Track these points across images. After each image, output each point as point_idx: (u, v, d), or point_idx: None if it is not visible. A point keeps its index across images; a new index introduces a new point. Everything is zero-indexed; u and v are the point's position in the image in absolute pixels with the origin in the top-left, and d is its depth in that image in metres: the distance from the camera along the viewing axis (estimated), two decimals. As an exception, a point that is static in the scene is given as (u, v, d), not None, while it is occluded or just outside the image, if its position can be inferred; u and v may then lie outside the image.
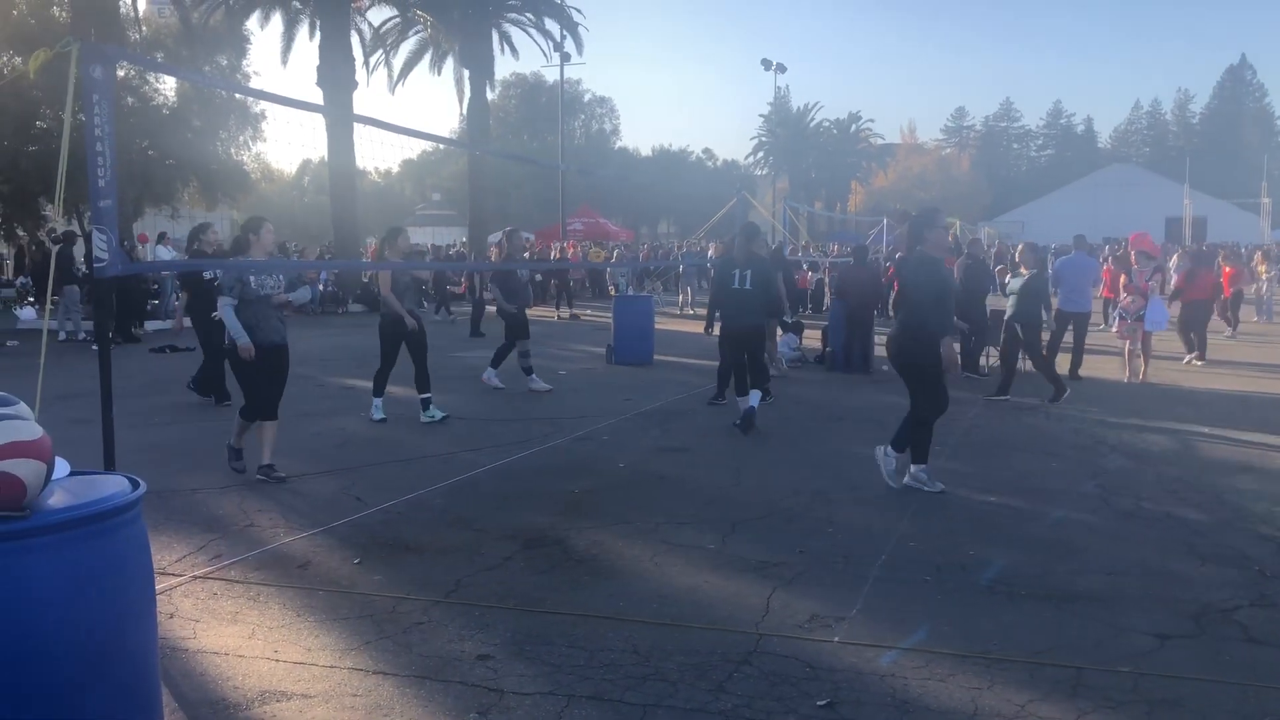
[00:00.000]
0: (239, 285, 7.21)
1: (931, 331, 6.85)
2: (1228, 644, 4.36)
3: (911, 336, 7.00)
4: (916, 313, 6.99)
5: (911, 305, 7.08)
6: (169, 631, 4.43)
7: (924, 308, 6.93)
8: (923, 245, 7.10)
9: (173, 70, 11.88)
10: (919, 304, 6.97)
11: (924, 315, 6.92)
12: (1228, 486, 7.21)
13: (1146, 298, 12.93)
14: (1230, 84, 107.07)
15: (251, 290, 7.22)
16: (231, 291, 7.21)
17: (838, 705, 3.74)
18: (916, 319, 6.97)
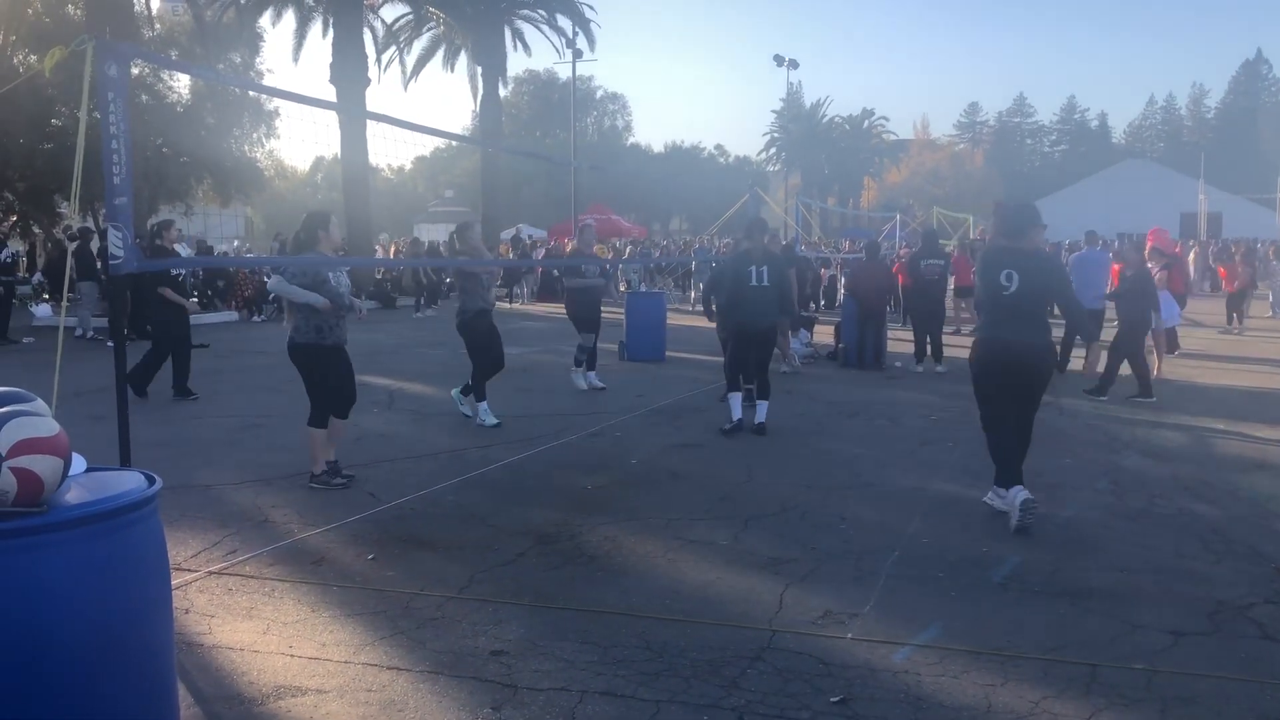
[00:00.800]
0: (321, 285, 6.84)
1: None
2: (1243, 641, 4.34)
3: (1060, 345, 6.63)
4: (1073, 317, 6.64)
5: (1069, 310, 6.55)
6: (184, 627, 4.46)
7: (1078, 314, 6.56)
8: (1021, 243, 6.34)
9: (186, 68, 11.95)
10: (1073, 310, 6.54)
11: (1080, 320, 6.59)
12: (1243, 483, 7.18)
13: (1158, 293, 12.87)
14: (1246, 78, 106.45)
15: (331, 288, 6.89)
16: (294, 279, 6.84)
17: (851, 702, 3.74)
18: (1073, 323, 6.73)
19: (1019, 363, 6.13)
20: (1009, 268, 6.16)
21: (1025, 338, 6.12)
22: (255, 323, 22.21)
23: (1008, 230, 6.41)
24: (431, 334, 19.21)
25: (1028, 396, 6.24)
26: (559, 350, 15.47)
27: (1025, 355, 6.12)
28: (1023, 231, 6.34)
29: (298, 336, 6.87)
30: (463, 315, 9.43)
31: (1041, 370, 6.20)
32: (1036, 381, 6.20)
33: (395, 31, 36.89)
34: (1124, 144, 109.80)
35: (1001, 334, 6.16)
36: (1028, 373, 6.17)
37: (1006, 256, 6.24)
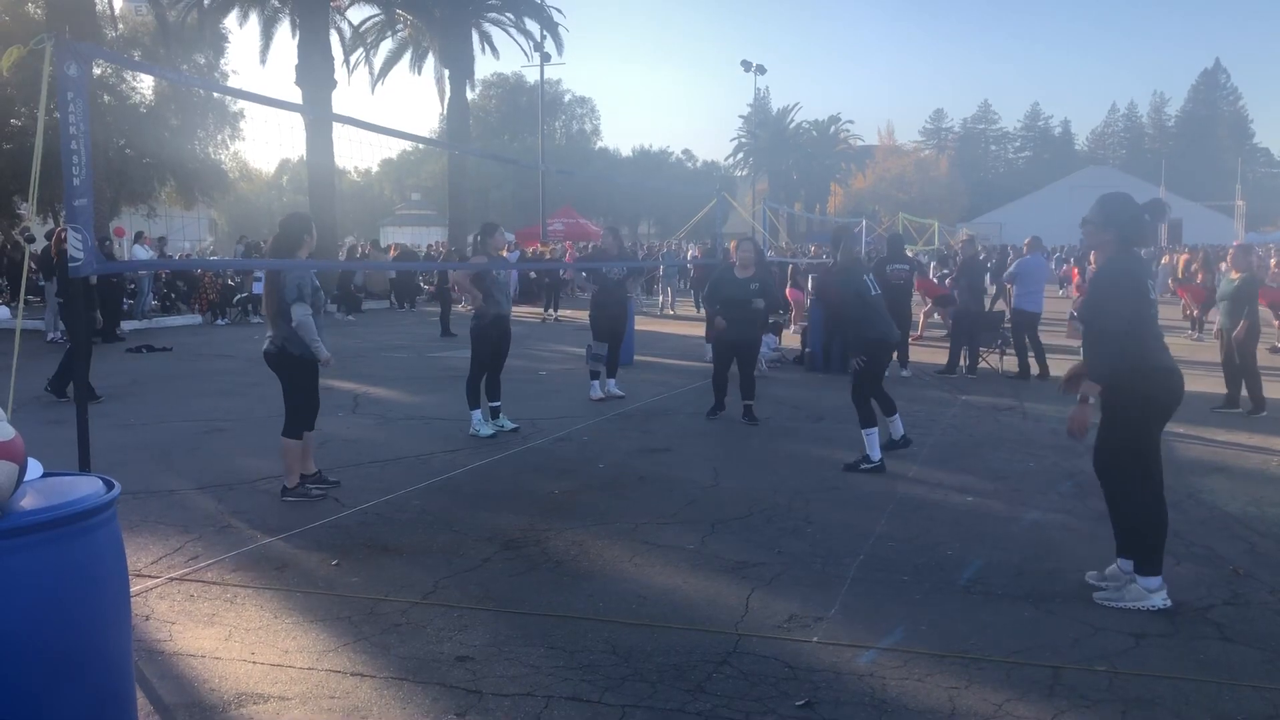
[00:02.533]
0: (311, 291, 6.67)
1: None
2: (1202, 642, 4.39)
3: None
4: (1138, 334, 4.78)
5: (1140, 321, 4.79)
6: (145, 634, 4.40)
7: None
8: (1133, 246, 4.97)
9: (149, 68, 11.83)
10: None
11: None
12: (1202, 486, 7.27)
13: None
14: (1205, 87, 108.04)
15: (320, 296, 6.81)
16: (308, 297, 6.64)
17: (816, 705, 3.75)
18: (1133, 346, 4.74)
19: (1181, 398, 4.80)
20: (1148, 277, 4.94)
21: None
22: (219, 326, 22.00)
23: (1141, 237, 4.96)
24: (396, 337, 19.12)
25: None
26: (530, 355, 15.43)
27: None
28: (1149, 235, 5.14)
29: (290, 347, 6.64)
30: (479, 320, 9.14)
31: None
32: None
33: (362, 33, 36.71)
34: (1087, 151, 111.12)
35: (1173, 364, 4.79)
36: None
37: (1141, 265, 4.98)
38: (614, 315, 11.37)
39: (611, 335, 11.30)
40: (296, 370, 6.72)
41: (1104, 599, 4.82)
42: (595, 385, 11.19)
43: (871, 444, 7.78)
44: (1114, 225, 4.86)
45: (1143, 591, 4.75)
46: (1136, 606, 4.72)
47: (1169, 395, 4.75)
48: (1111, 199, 5.03)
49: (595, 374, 11.24)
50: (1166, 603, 4.71)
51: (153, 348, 16.65)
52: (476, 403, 9.15)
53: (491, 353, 9.16)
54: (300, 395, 6.78)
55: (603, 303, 11.29)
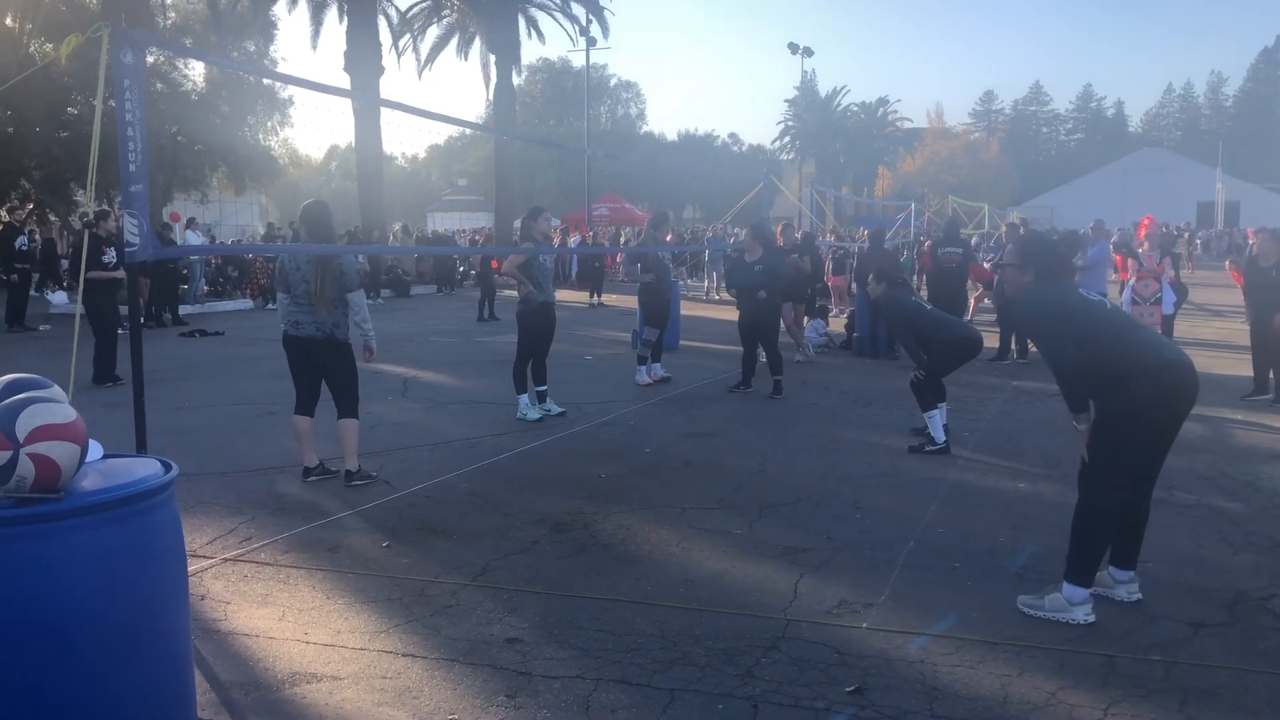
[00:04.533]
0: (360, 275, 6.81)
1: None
2: (1262, 633, 4.31)
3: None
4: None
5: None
6: (200, 613, 4.47)
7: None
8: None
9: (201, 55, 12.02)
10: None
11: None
12: (1261, 474, 7.13)
13: (1160, 281, 12.83)
14: (1264, 66, 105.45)
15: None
16: (361, 285, 6.85)
17: (867, 691, 3.73)
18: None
19: (1194, 392, 4.53)
20: (1078, 291, 4.78)
21: (1187, 357, 4.61)
22: (269, 310, 22.25)
23: (1064, 269, 4.81)
24: (444, 322, 19.24)
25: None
26: (576, 340, 15.47)
27: (1196, 379, 4.53)
28: (1069, 265, 5.00)
29: (339, 334, 6.77)
30: (526, 305, 9.11)
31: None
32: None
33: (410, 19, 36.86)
34: (1140, 132, 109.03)
35: (1177, 355, 4.54)
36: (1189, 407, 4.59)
37: (1064, 287, 4.72)
38: (666, 300, 11.38)
39: (663, 321, 11.32)
40: (348, 355, 6.82)
41: (1025, 604, 4.53)
42: (642, 370, 11.18)
43: (935, 426, 7.74)
44: (1031, 265, 4.73)
45: (1064, 602, 4.42)
46: (1055, 618, 4.39)
47: (1170, 391, 4.42)
48: (1027, 241, 5.06)
49: (643, 359, 11.24)
50: (1089, 618, 4.35)
51: (205, 332, 16.91)
52: (523, 387, 9.19)
53: (537, 338, 9.19)
54: (351, 377, 6.91)
55: (655, 288, 11.28)
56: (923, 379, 7.91)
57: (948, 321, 8.25)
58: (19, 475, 2.77)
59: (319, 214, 6.96)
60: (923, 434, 7.97)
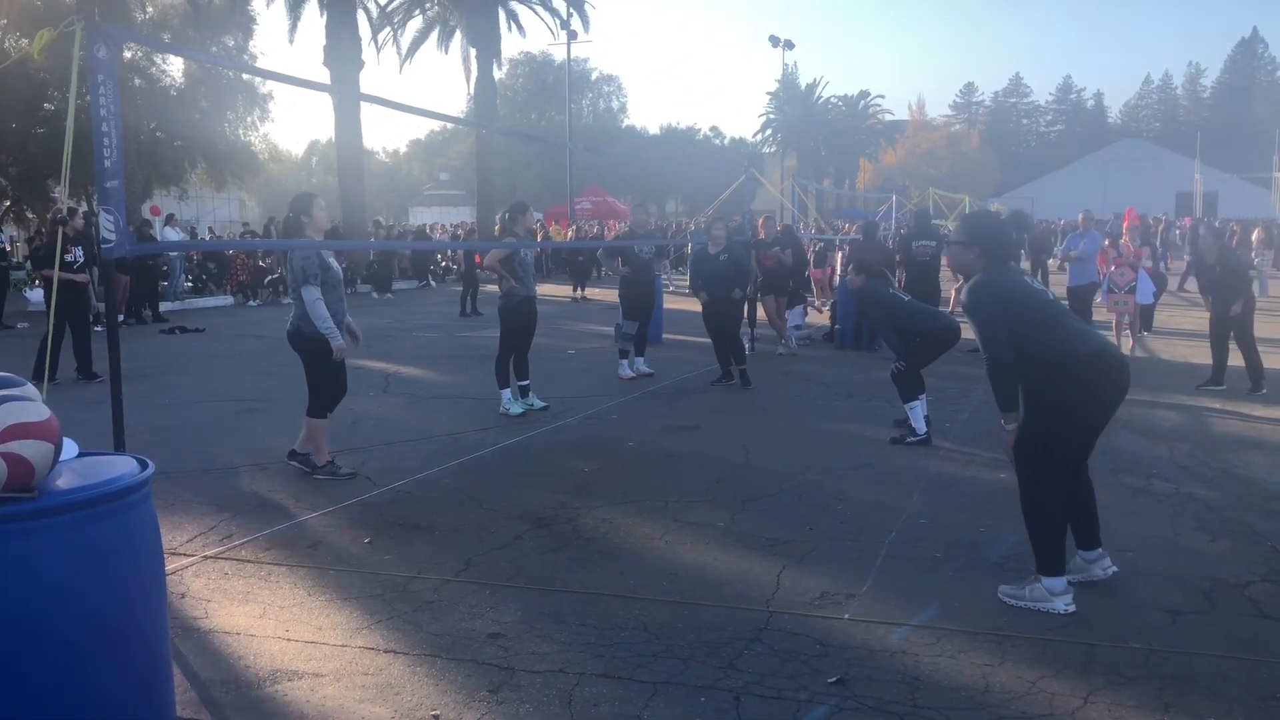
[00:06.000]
0: (321, 270, 6.56)
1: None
2: (1240, 619, 4.34)
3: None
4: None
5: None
6: (180, 611, 4.45)
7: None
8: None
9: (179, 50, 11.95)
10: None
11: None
12: (1239, 462, 7.18)
13: (1136, 270, 12.93)
14: (1241, 58, 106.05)
15: (333, 274, 6.68)
16: (316, 279, 6.53)
17: (849, 682, 3.74)
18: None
19: (1125, 382, 4.57)
20: (1022, 279, 4.81)
21: (1118, 349, 4.68)
22: (251, 306, 22.16)
23: (1008, 253, 4.82)
24: (426, 317, 19.19)
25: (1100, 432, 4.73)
26: (559, 334, 15.46)
27: (1127, 371, 4.60)
28: (1015, 248, 5.10)
29: (305, 328, 6.65)
30: (508, 300, 9.08)
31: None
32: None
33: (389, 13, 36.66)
34: (1120, 124, 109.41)
35: (1106, 345, 4.62)
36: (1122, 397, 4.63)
37: (1008, 274, 4.71)
38: (645, 293, 11.34)
39: (643, 313, 11.28)
40: (314, 351, 6.70)
41: (1005, 593, 4.54)
42: (624, 364, 11.18)
43: (916, 417, 7.77)
44: (977, 243, 4.73)
45: (1045, 593, 4.42)
46: (1037, 607, 4.40)
47: (1098, 380, 4.46)
48: (973, 218, 5.09)
49: (624, 353, 11.24)
50: (1070, 608, 4.36)
51: (185, 329, 16.80)
52: (506, 382, 9.17)
53: (520, 332, 9.17)
54: (321, 375, 6.76)
55: (634, 281, 11.26)
56: (903, 370, 7.93)
57: (926, 312, 8.30)
58: (-7, 474, 2.74)
59: (290, 208, 6.87)
60: (904, 425, 7.99)
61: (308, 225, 6.67)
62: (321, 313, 6.55)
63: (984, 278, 4.65)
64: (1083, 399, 4.44)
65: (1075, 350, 4.44)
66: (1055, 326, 4.51)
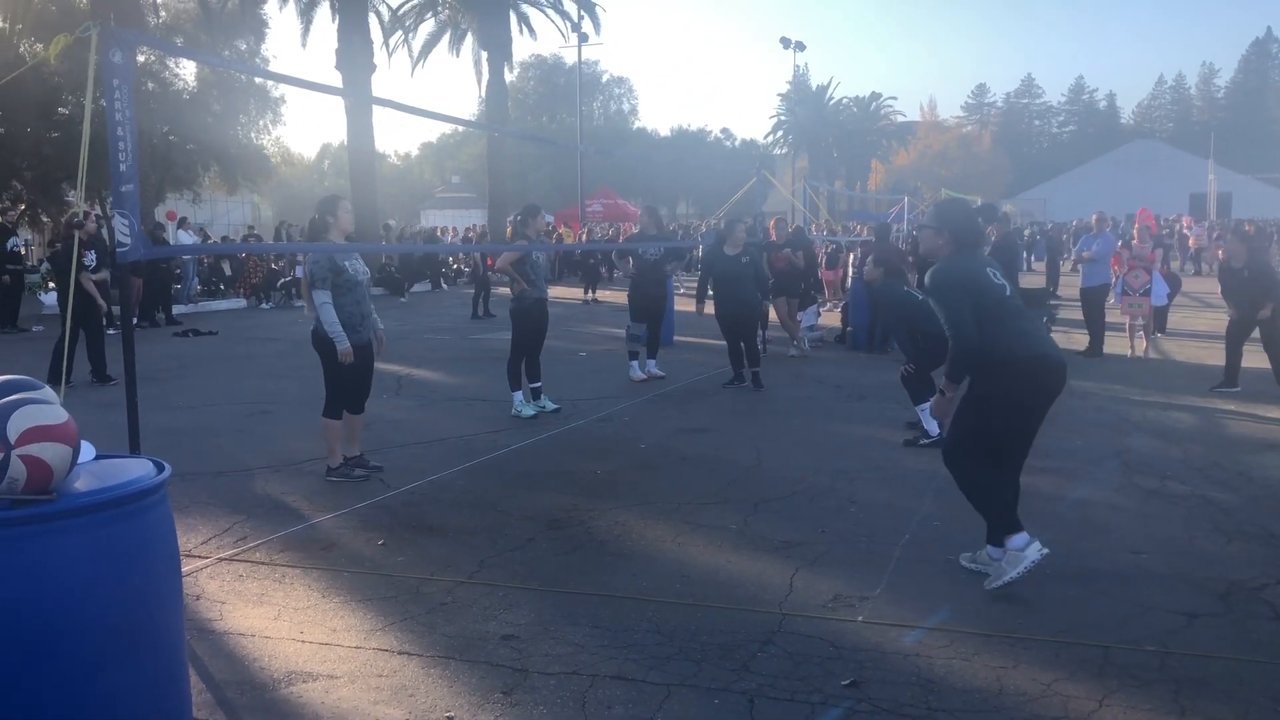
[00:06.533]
0: (331, 274, 6.57)
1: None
2: (1256, 622, 4.32)
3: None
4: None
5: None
6: (196, 613, 4.47)
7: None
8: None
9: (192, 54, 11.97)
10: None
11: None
12: (1254, 464, 7.15)
13: (1150, 272, 12.90)
14: (1255, 57, 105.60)
15: (348, 277, 6.65)
16: (325, 283, 6.54)
17: (862, 685, 3.74)
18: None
19: (1061, 389, 4.80)
20: (989, 265, 4.93)
21: (1060, 353, 4.89)
22: (263, 309, 22.24)
23: (974, 238, 5.02)
24: (438, 319, 19.22)
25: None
26: (570, 336, 15.47)
27: (1065, 376, 4.81)
28: (984, 237, 5.27)
29: (320, 329, 6.67)
30: (520, 302, 9.10)
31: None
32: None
33: (401, 16, 36.79)
34: (1133, 124, 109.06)
35: (1047, 348, 4.79)
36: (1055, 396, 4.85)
37: (975, 263, 4.89)
38: (652, 295, 11.34)
39: (650, 315, 11.27)
40: (329, 352, 6.70)
41: (990, 583, 4.67)
42: (635, 366, 11.18)
43: (928, 419, 7.75)
44: (947, 229, 4.91)
45: (1016, 556, 4.61)
46: (1017, 573, 4.57)
47: (1033, 384, 4.66)
48: (946, 205, 5.31)
49: (634, 355, 11.24)
50: (1043, 551, 4.62)
51: (198, 331, 16.87)
52: (518, 384, 9.18)
53: (531, 335, 9.18)
54: (336, 376, 6.77)
55: (640, 283, 11.27)
56: (913, 372, 7.91)
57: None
58: (11, 477, 2.76)
59: (320, 207, 6.92)
60: (917, 427, 7.98)
61: (333, 227, 6.75)
62: (329, 316, 6.56)
63: (950, 261, 4.85)
64: (1013, 400, 4.66)
65: (1015, 352, 4.63)
66: (1002, 323, 4.68)
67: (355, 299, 6.74)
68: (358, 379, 6.90)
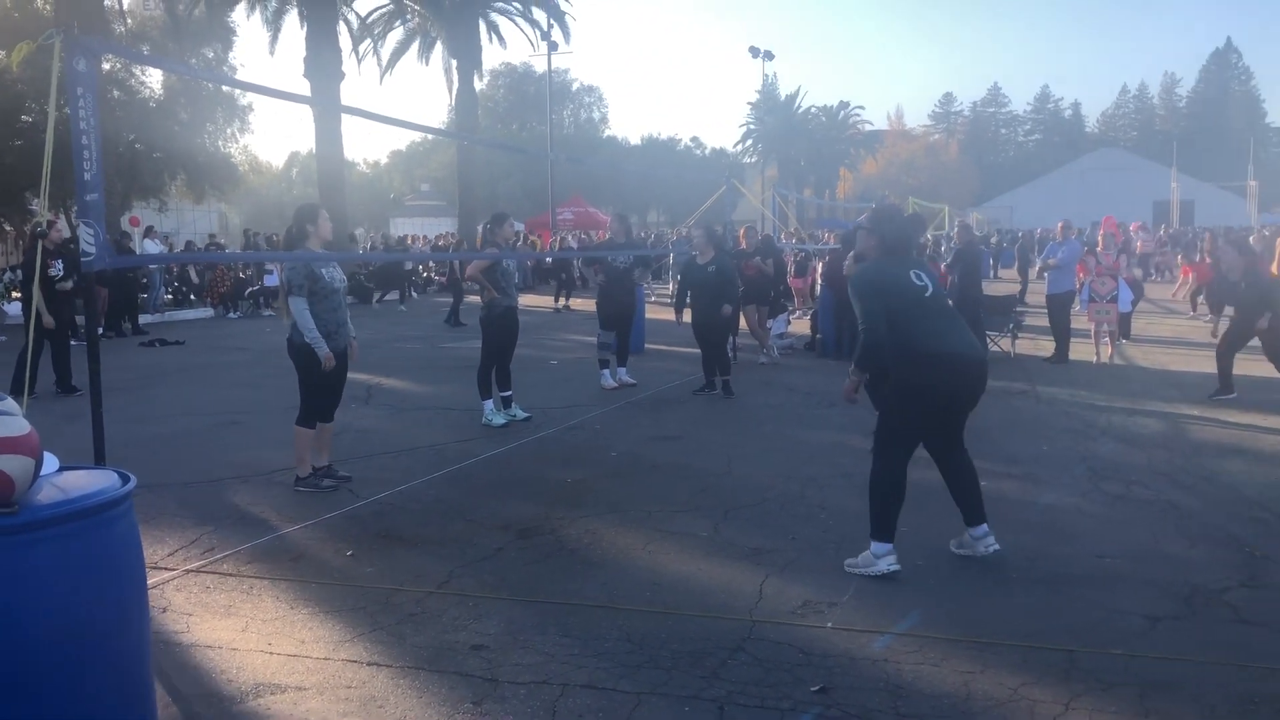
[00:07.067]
0: (309, 281, 6.57)
1: None
2: (1219, 625, 4.38)
3: None
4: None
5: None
6: (162, 626, 4.43)
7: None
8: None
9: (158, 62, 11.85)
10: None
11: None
12: (1218, 469, 7.24)
13: (1116, 279, 13.07)
14: (1216, 67, 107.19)
15: (324, 284, 6.65)
16: (302, 290, 6.55)
17: (831, 691, 3.75)
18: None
19: (978, 385, 5.12)
20: (915, 268, 5.19)
21: (980, 351, 5.20)
22: (231, 319, 22.07)
23: (902, 244, 5.31)
24: (409, 328, 19.15)
25: (964, 418, 5.29)
26: (541, 345, 15.45)
27: (984, 374, 5.14)
28: (914, 244, 5.49)
29: (294, 336, 6.67)
30: (490, 310, 9.06)
31: (983, 389, 5.19)
32: (976, 402, 5.23)
33: (370, 24, 36.66)
34: (1097, 133, 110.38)
35: (956, 347, 5.05)
36: (978, 395, 5.19)
37: (897, 265, 5.19)
38: (621, 303, 11.33)
39: (619, 323, 11.28)
40: (303, 360, 6.69)
41: (849, 564, 5.12)
42: (606, 374, 11.18)
43: None
44: (878, 232, 5.30)
45: (870, 557, 5.04)
46: (865, 572, 5.00)
47: (943, 378, 4.99)
48: (881, 211, 5.62)
49: (605, 363, 11.24)
50: (893, 567, 4.98)
51: (165, 341, 16.72)
52: (488, 393, 9.16)
53: (501, 343, 9.16)
54: (312, 384, 6.76)
55: (609, 291, 11.27)
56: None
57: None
58: (-27, 489, 2.73)
59: (293, 219, 6.92)
60: None
61: (313, 235, 6.78)
62: (307, 323, 6.55)
63: (875, 264, 5.25)
64: (922, 392, 5.00)
65: (926, 348, 4.98)
66: (917, 322, 5.03)
67: (332, 306, 6.74)
68: (333, 387, 6.89)
